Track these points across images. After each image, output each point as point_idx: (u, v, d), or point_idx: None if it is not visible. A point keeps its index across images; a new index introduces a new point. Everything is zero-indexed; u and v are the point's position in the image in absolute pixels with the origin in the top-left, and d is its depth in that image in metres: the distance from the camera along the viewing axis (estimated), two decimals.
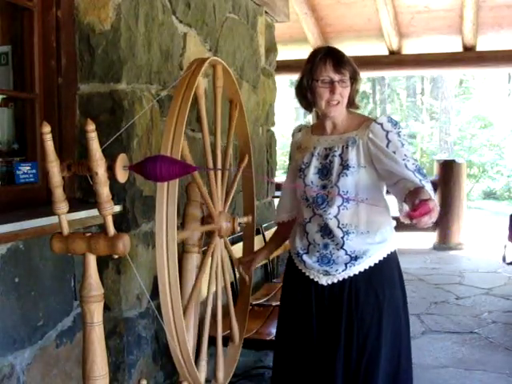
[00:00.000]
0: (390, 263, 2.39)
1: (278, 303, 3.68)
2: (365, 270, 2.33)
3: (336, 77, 2.29)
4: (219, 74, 2.44)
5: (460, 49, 8.06)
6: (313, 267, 2.36)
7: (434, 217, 1.90)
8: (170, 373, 3.15)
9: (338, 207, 2.30)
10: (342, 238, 2.31)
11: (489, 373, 3.91)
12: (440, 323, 4.96)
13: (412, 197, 2.04)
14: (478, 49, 8.00)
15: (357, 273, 2.33)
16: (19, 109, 2.67)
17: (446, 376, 3.89)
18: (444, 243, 8.20)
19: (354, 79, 2.35)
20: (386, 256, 2.37)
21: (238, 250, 3.24)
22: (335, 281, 2.34)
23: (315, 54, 2.36)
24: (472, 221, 9.86)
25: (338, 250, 2.32)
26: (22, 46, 2.61)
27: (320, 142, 2.40)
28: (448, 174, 8.02)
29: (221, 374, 2.52)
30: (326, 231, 2.33)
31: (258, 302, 3.85)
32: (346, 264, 2.31)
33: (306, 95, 2.37)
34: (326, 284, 2.35)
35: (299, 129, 2.58)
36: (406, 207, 2.12)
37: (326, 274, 2.34)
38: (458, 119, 18.75)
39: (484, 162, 16.13)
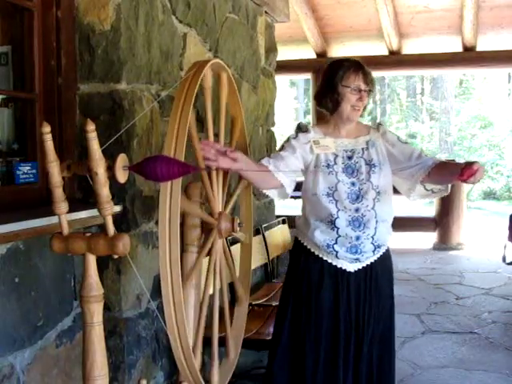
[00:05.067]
0: (390, 251, 2.79)
1: (278, 303, 3.67)
2: (381, 255, 2.70)
3: (364, 87, 2.62)
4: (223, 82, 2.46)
5: (460, 49, 8.07)
6: (345, 256, 2.62)
7: (479, 177, 2.30)
8: (170, 373, 3.16)
9: (373, 200, 2.63)
10: (375, 228, 2.62)
11: (489, 373, 3.92)
12: (440, 323, 4.96)
13: (445, 168, 2.57)
14: (478, 49, 8.01)
15: (376, 258, 2.69)
16: (19, 109, 2.67)
17: (445, 376, 3.89)
18: (444, 243, 8.21)
19: (371, 92, 2.69)
20: (388, 243, 2.75)
21: (236, 250, 3.24)
22: (360, 267, 2.67)
23: (345, 63, 2.65)
24: (472, 221, 9.87)
25: (367, 239, 2.61)
26: (22, 46, 2.60)
27: (338, 144, 2.69)
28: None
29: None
30: (356, 224, 2.61)
31: (257, 302, 3.85)
32: (372, 251, 2.65)
33: (336, 99, 2.64)
34: (353, 271, 2.66)
35: (306, 126, 2.78)
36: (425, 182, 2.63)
37: (356, 261, 2.64)
38: (458, 119, 18.77)
39: (484, 162, 16.10)
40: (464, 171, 2.30)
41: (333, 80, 2.63)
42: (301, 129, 2.73)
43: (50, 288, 2.43)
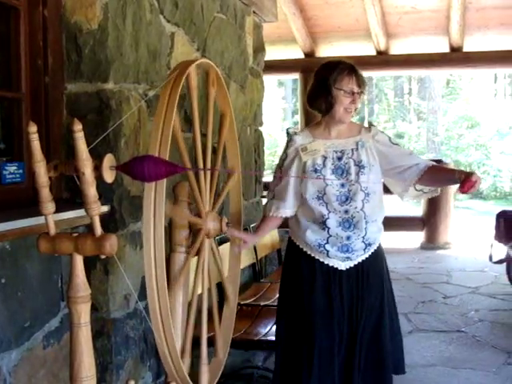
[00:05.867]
0: (382, 247, 2.85)
1: (267, 303, 3.69)
2: (372, 253, 2.75)
3: (356, 89, 2.66)
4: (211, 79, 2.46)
5: (447, 49, 8.10)
6: (336, 255, 2.68)
7: (477, 187, 2.47)
8: (158, 373, 3.15)
9: (362, 201, 2.66)
10: (365, 228, 2.67)
11: (476, 371, 3.94)
12: (428, 322, 4.99)
13: (438, 173, 2.73)
14: (465, 49, 8.05)
15: (367, 256, 2.74)
16: (5, 108, 2.65)
17: (433, 374, 3.91)
18: (431, 243, 8.25)
19: (363, 94, 2.73)
20: (380, 241, 2.82)
21: (225, 249, 3.24)
22: (352, 265, 2.72)
23: (340, 66, 2.68)
24: (459, 220, 9.92)
25: (358, 239, 2.67)
26: (9, 44, 2.58)
27: (328, 146, 2.72)
28: None
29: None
30: (346, 225, 2.66)
31: (246, 302, 3.85)
32: (363, 249, 2.70)
33: (330, 101, 2.66)
34: (344, 269, 2.72)
35: (294, 132, 2.83)
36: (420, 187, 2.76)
37: (347, 259, 2.70)
38: (445, 119, 18.87)
39: (471, 161, 16.24)
40: (464, 184, 2.47)
41: (326, 82, 2.65)
42: (290, 134, 2.81)
43: (36, 289, 2.42)
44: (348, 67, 2.68)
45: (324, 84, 2.67)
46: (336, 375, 2.73)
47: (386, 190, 2.85)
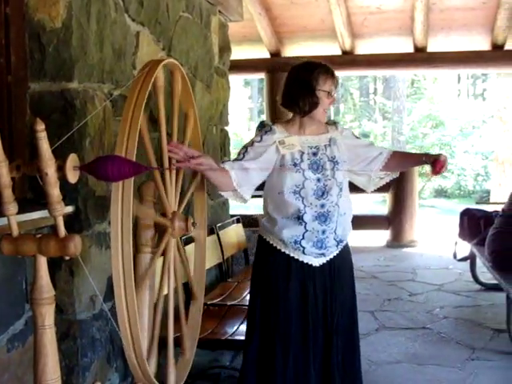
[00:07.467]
0: (348, 246, 2.91)
1: (233, 302, 3.69)
2: (342, 249, 2.81)
3: (334, 91, 2.77)
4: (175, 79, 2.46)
5: (411, 50, 8.20)
6: (311, 252, 2.71)
7: (447, 164, 2.69)
8: (125, 374, 3.13)
9: (337, 196, 2.72)
10: (337, 222, 2.72)
11: (441, 367, 4.00)
12: (394, 319, 5.04)
13: (403, 158, 3.01)
14: (429, 50, 8.16)
15: (338, 252, 2.79)
16: None
17: (399, 371, 3.95)
18: (397, 241, 8.33)
19: None
20: (348, 239, 2.87)
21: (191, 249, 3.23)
22: (325, 261, 2.76)
23: (323, 68, 2.74)
24: (424, 218, 10.06)
25: (332, 233, 2.71)
26: None
27: (303, 142, 2.75)
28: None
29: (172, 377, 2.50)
30: (322, 218, 2.68)
31: (212, 302, 3.85)
32: (336, 246, 2.75)
33: (315, 102, 2.70)
34: (318, 265, 2.74)
35: (270, 126, 2.84)
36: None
37: (321, 255, 2.73)
38: (410, 119, 19.12)
39: None
40: (436, 166, 2.67)
41: (310, 83, 2.69)
42: (264, 127, 2.79)
43: (0, 291, 2.38)
44: (329, 70, 2.75)
45: (308, 85, 2.69)
46: (312, 372, 2.71)
47: (353, 190, 2.90)
